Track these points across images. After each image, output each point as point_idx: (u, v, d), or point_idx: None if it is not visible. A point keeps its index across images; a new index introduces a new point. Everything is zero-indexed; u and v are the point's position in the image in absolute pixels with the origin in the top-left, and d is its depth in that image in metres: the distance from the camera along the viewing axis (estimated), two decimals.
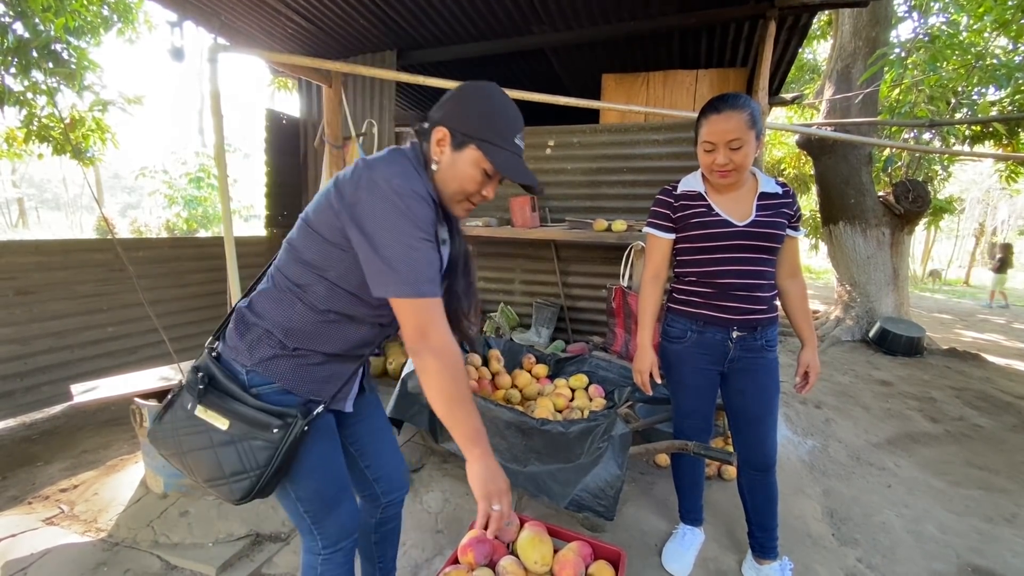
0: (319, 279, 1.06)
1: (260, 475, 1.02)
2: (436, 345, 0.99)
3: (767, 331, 1.64)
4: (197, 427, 1.04)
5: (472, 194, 1.11)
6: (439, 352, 0.99)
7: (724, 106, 1.48)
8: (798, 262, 1.72)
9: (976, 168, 18.55)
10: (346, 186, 1.00)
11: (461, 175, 1.07)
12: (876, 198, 5.78)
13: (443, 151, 1.07)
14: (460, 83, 1.14)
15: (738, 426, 1.74)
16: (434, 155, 1.07)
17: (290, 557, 1.87)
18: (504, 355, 2.76)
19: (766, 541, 1.79)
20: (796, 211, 1.63)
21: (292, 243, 1.10)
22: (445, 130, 1.06)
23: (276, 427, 1.02)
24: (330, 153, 3.06)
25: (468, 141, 1.05)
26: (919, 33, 4.91)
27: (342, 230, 1.01)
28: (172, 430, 1.07)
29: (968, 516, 2.34)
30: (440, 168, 1.08)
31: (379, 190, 0.96)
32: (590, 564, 1.45)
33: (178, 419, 1.07)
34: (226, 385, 1.05)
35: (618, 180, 3.79)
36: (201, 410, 1.03)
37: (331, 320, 1.09)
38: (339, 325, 1.10)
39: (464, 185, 1.08)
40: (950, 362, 5.04)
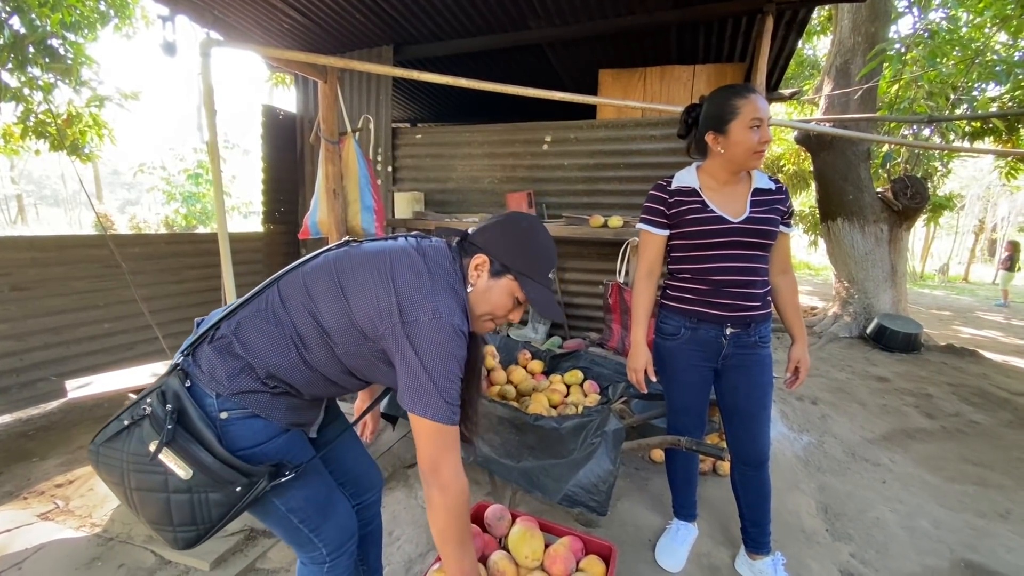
0: (325, 345, 1.05)
1: (208, 529, 1.00)
2: (445, 480, 1.01)
3: (760, 327, 1.64)
4: (155, 468, 0.95)
5: (500, 318, 1.16)
6: (445, 488, 1.01)
7: (751, 90, 1.52)
8: (789, 258, 1.72)
9: (976, 164, 18.52)
10: (409, 298, 1.00)
11: (495, 301, 1.12)
12: (875, 194, 5.77)
13: (480, 276, 1.12)
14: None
15: (731, 422, 1.74)
16: (471, 278, 1.12)
17: (284, 552, 1.88)
18: (500, 351, 2.75)
19: (759, 536, 1.79)
20: (789, 207, 1.63)
21: (314, 297, 1.05)
22: (486, 257, 1.12)
23: (240, 485, 0.97)
24: (326, 149, 3.05)
25: (506, 272, 1.11)
26: (918, 29, 4.89)
27: (380, 331, 1.01)
28: (121, 459, 0.97)
29: (962, 512, 2.35)
30: (475, 291, 1.12)
31: (441, 323, 0.99)
32: (581, 559, 1.45)
33: (132, 451, 0.96)
34: (196, 426, 0.96)
35: (615, 176, 3.78)
36: (166, 453, 0.93)
37: (319, 378, 1.09)
38: (325, 383, 1.11)
39: (495, 310, 1.13)
40: (947, 358, 5.05)
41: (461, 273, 1.12)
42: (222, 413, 0.99)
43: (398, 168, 4.43)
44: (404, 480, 2.37)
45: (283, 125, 4.72)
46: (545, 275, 1.15)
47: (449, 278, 1.07)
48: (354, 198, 3.15)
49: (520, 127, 4.03)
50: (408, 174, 4.42)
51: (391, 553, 1.89)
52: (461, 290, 1.09)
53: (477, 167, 4.19)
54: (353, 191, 3.14)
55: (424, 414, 0.99)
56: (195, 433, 0.96)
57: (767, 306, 1.64)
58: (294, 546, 1.18)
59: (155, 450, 0.93)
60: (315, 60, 2.56)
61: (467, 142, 4.19)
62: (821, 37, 7.97)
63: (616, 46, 4.24)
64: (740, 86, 1.54)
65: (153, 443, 0.93)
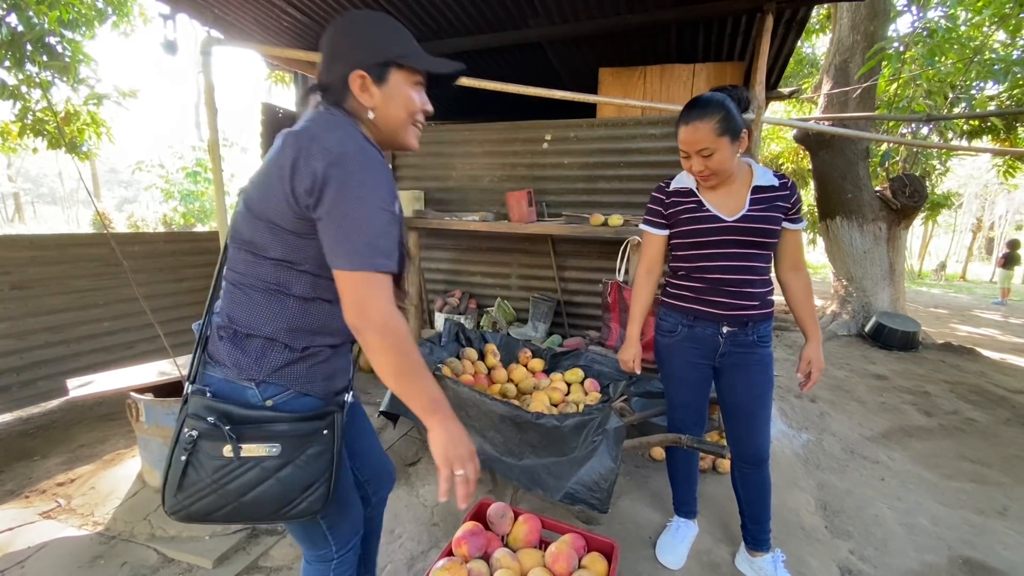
0: (298, 274, 0.99)
1: (329, 480, 1.00)
2: (377, 319, 0.91)
3: (759, 327, 1.63)
4: (245, 466, 0.94)
5: (416, 113, 1.05)
6: (382, 328, 0.91)
7: (692, 116, 1.49)
8: (800, 255, 1.68)
9: (974, 163, 18.57)
10: (301, 163, 0.90)
11: (401, 99, 1.02)
12: (873, 193, 5.79)
13: (370, 92, 1.00)
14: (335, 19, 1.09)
15: (731, 420, 1.75)
16: (365, 103, 1.00)
17: (286, 550, 1.88)
18: (501, 349, 2.76)
19: (758, 534, 1.80)
20: (795, 203, 1.59)
21: (245, 240, 0.99)
22: (361, 72, 0.98)
23: (324, 427, 0.99)
24: None
25: (386, 68, 1.00)
26: (917, 27, 4.90)
27: (304, 214, 0.92)
28: (210, 488, 0.95)
29: (960, 509, 2.36)
30: (378, 111, 1.01)
31: (345, 159, 0.89)
32: (583, 556, 1.46)
33: (213, 470, 0.94)
34: (251, 415, 0.96)
35: (615, 175, 3.78)
36: (247, 448, 0.94)
37: (323, 304, 1.03)
38: (332, 306, 1.02)
39: (408, 108, 1.03)
40: (945, 356, 5.07)
41: (348, 113, 1.01)
42: (267, 401, 0.99)
43: (398, 166, 4.43)
44: (405, 478, 2.38)
45: (283, 123, 4.70)
46: (411, 42, 1.03)
47: (339, 121, 0.96)
48: None
49: (520, 126, 4.03)
50: (408, 172, 4.41)
51: (393, 550, 1.90)
52: (359, 126, 0.99)
53: (477, 165, 4.19)
54: None
55: (337, 264, 0.91)
56: (255, 419, 0.96)
57: (767, 306, 1.63)
58: (305, 543, 1.15)
59: (234, 449, 0.93)
60: (315, 58, 2.56)
61: (467, 140, 4.19)
62: (820, 35, 7.97)
63: (616, 45, 4.24)
64: (688, 108, 1.52)
65: (227, 448, 0.93)
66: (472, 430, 2.01)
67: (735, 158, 1.53)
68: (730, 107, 1.49)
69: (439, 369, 2.25)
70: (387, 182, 0.94)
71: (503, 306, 4.05)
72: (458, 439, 0.96)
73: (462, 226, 3.63)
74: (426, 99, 1.07)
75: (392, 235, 0.94)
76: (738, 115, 1.51)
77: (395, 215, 0.96)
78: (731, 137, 1.48)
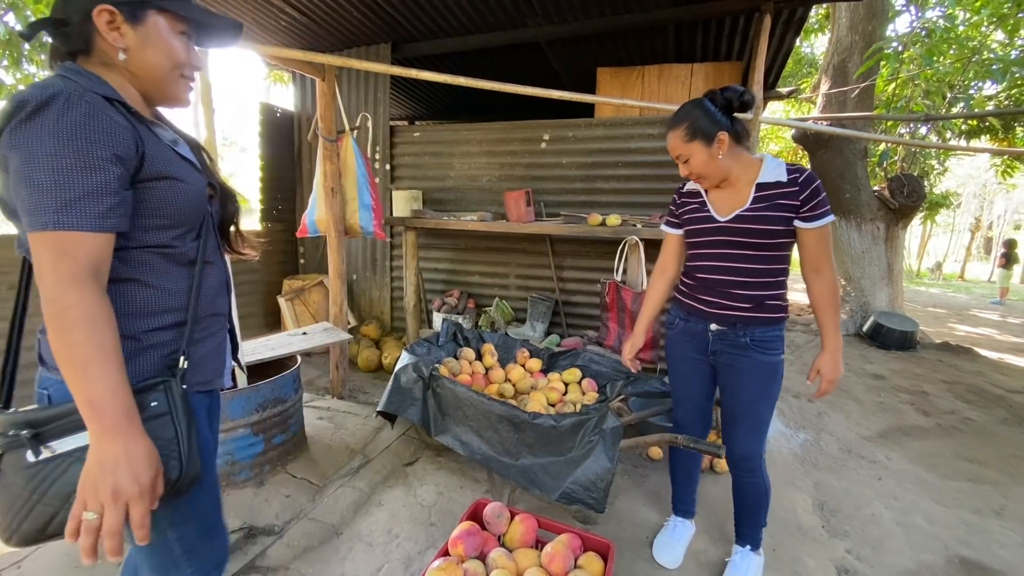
0: None
1: (177, 448, 0.85)
2: (46, 288, 0.75)
3: (752, 330, 1.58)
4: (64, 462, 0.83)
5: (183, 65, 0.94)
6: (52, 298, 0.75)
7: (668, 127, 1.58)
8: (820, 256, 1.52)
9: (972, 163, 18.59)
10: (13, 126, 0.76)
11: (162, 49, 0.90)
12: (871, 192, 5.80)
13: (120, 32, 0.86)
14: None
15: (723, 422, 1.77)
16: (116, 43, 0.86)
17: (283, 551, 1.88)
18: (499, 349, 2.77)
19: (748, 533, 1.82)
20: (806, 199, 1.47)
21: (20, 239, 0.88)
22: (108, 7, 0.84)
23: (152, 400, 0.86)
24: (324, 147, 3.04)
25: (143, 8, 0.87)
26: (916, 27, 4.90)
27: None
28: (32, 495, 0.82)
29: (957, 508, 2.37)
30: (132, 54, 0.88)
31: (22, 111, 0.75)
32: (579, 556, 1.46)
33: (27, 479, 0.82)
34: (59, 410, 0.84)
35: (613, 175, 3.78)
36: (59, 444, 0.83)
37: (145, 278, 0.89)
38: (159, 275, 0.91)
39: (171, 57, 0.91)
40: (943, 356, 5.08)
41: (84, 70, 0.85)
42: None
43: (396, 166, 4.43)
44: (403, 478, 2.38)
45: (281, 123, 4.71)
46: None
47: (63, 81, 0.79)
48: (352, 196, 3.15)
49: (518, 125, 4.03)
50: (406, 172, 4.41)
51: (390, 550, 1.90)
52: (95, 76, 0.85)
53: (475, 165, 4.19)
54: (351, 189, 3.14)
55: (28, 227, 0.76)
56: (62, 413, 0.84)
57: (764, 310, 1.56)
58: (154, 571, 0.97)
59: (35, 452, 0.82)
60: (313, 58, 2.56)
61: (465, 140, 4.19)
62: (819, 35, 7.97)
63: (614, 44, 4.24)
64: (669, 120, 1.59)
65: (30, 452, 0.82)
66: (469, 430, 2.01)
67: (716, 160, 1.52)
68: (697, 113, 1.51)
69: (436, 369, 2.25)
70: (86, 129, 0.76)
71: (501, 306, 4.05)
72: (120, 465, 0.76)
73: (460, 226, 3.63)
74: (195, 53, 0.97)
75: (88, 188, 0.76)
76: (710, 118, 1.51)
77: (99, 165, 0.77)
78: (703, 141, 1.51)
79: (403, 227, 3.90)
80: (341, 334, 2.90)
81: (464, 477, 2.39)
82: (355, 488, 2.26)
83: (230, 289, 1.12)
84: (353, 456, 2.51)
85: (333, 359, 3.30)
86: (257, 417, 2.10)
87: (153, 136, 0.89)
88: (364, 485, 2.29)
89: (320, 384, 3.68)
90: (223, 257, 1.10)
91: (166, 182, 0.88)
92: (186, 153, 0.97)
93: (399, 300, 4.55)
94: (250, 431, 2.09)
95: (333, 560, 1.85)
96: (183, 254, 0.94)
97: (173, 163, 0.90)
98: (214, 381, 1.04)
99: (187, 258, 0.95)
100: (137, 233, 0.86)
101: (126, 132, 0.81)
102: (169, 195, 0.89)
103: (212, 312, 1.02)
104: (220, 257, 1.06)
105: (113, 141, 0.79)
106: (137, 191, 0.85)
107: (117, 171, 0.79)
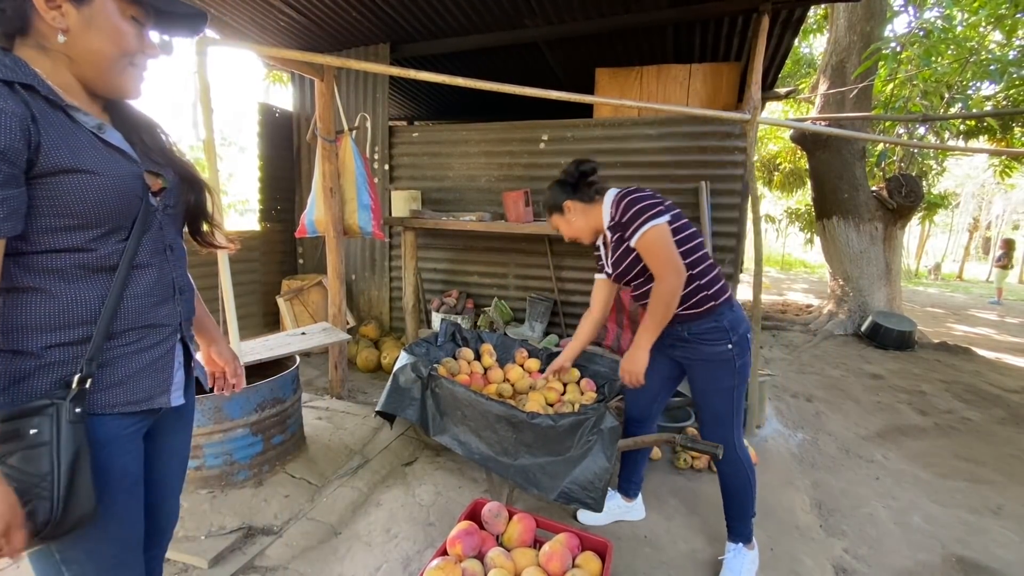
0: None
1: (52, 486, 0.74)
2: None
3: (689, 325, 1.70)
4: None
5: (132, 52, 0.86)
6: None
7: None
8: (654, 264, 1.63)
9: (970, 163, 18.63)
10: None
11: (108, 33, 0.82)
12: (869, 193, 5.81)
13: (65, 12, 0.78)
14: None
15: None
16: (55, 23, 0.78)
17: (282, 550, 1.89)
18: (497, 349, 2.77)
19: (734, 526, 1.84)
20: (625, 223, 1.63)
21: None
22: None
23: (35, 428, 0.75)
24: (322, 147, 3.05)
25: None
26: (914, 28, 4.91)
27: None
28: None
29: (954, 508, 2.37)
30: (74, 36, 0.80)
31: None
32: (577, 555, 1.46)
33: None
34: None
35: (611, 175, 3.79)
36: None
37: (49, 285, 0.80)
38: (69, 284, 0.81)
39: (119, 43, 0.83)
40: (941, 356, 5.09)
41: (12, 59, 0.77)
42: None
43: (395, 166, 4.43)
44: (401, 478, 2.38)
45: (280, 123, 4.71)
46: None
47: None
48: (351, 196, 3.15)
49: (517, 126, 4.03)
50: (405, 172, 4.42)
51: (389, 550, 1.90)
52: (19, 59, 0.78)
53: (474, 165, 4.19)
54: (350, 189, 3.14)
55: None
56: None
57: (691, 307, 1.68)
58: None
59: None
60: (312, 59, 2.56)
61: (464, 140, 4.20)
62: (817, 36, 7.99)
63: (613, 45, 4.25)
64: None
65: None
66: (468, 430, 2.01)
67: (573, 223, 1.82)
68: (549, 193, 1.86)
69: (435, 369, 2.25)
70: None
71: (500, 306, 4.06)
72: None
73: (459, 226, 3.63)
74: (147, 39, 0.88)
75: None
76: (557, 194, 1.83)
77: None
78: (557, 213, 1.85)
79: (402, 227, 3.90)
80: (340, 334, 2.90)
81: (462, 477, 2.39)
82: (354, 488, 2.26)
83: (182, 293, 0.99)
84: (352, 456, 2.51)
85: (332, 359, 3.30)
86: (256, 417, 2.10)
87: (67, 123, 0.79)
88: (363, 485, 2.30)
89: (319, 384, 3.68)
90: (174, 259, 0.97)
91: (73, 176, 0.77)
92: (114, 140, 0.85)
93: (398, 300, 4.55)
94: (249, 431, 2.09)
95: (332, 560, 1.86)
96: (103, 258, 0.83)
97: (84, 153, 0.78)
98: (153, 399, 0.92)
99: (109, 263, 0.84)
100: (41, 236, 0.77)
101: (12, 120, 0.70)
102: (77, 191, 0.77)
103: (145, 324, 0.90)
104: (166, 259, 0.94)
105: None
106: (34, 188, 0.75)
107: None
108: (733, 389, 1.70)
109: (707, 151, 3.59)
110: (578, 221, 1.81)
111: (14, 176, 0.72)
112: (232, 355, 1.25)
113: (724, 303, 1.68)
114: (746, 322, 1.72)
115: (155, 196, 0.91)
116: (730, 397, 1.71)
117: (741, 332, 1.67)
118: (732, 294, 1.74)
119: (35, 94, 0.76)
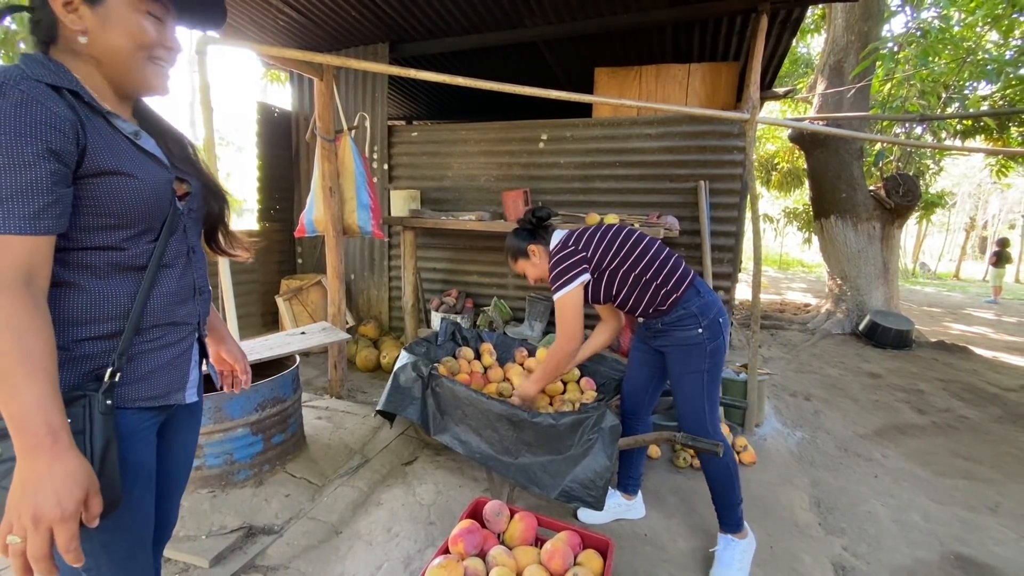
0: None
1: None
2: None
3: (662, 317, 1.79)
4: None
5: (151, 46, 0.86)
6: None
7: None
8: (557, 320, 1.89)
9: (967, 162, 18.69)
10: None
11: (125, 29, 0.82)
12: (867, 192, 5.83)
13: (81, 14, 0.80)
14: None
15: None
16: (74, 25, 0.80)
17: (283, 549, 1.89)
18: (497, 349, 2.77)
19: (724, 515, 1.85)
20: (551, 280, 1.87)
21: None
22: None
23: (70, 416, 0.77)
24: (322, 146, 3.05)
25: None
26: (911, 28, 4.93)
27: None
28: None
29: (952, 505, 2.39)
30: (93, 36, 0.81)
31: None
32: (579, 553, 1.47)
33: None
34: None
35: (611, 174, 3.80)
36: None
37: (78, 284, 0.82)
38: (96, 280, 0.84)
39: (136, 38, 0.84)
40: (938, 354, 5.11)
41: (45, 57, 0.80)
42: None
43: (394, 166, 4.43)
44: (402, 477, 2.38)
45: (279, 123, 4.71)
46: None
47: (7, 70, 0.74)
48: (350, 196, 3.15)
49: (516, 125, 4.04)
50: (404, 172, 4.42)
51: (390, 549, 1.90)
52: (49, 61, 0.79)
53: (473, 165, 4.19)
54: (349, 189, 3.14)
55: None
56: None
57: (659, 306, 1.79)
58: None
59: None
60: (311, 58, 2.56)
61: (463, 140, 4.20)
62: (815, 36, 8.02)
63: (612, 44, 4.26)
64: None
65: None
66: (468, 428, 2.02)
67: (539, 266, 1.96)
68: (510, 243, 2.01)
69: (435, 368, 2.25)
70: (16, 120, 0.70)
71: (500, 305, 4.06)
72: (43, 487, 0.69)
73: (458, 225, 3.63)
74: (168, 33, 0.89)
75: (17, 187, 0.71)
76: (517, 243, 1.99)
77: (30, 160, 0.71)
78: (523, 258, 1.99)
79: (401, 227, 3.90)
80: (339, 334, 2.90)
81: (463, 476, 2.40)
82: (354, 487, 2.27)
83: (201, 294, 1.02)
84: (352, 455, 2.51)
85: (331, 359, 3.30)
86: (256, 417, 2.10)
87: (107, 128, 0.82)
88: (363, 484, 2.30)
89: (319, 384, 3.68)
90: (196, 261, 1.00)
91: (113, 178, 0.80)
92: (149, 146, 0.89)
93: (397, 300, 4.55)
94: (249, 431, 2.09)
95: (333, 559, 1.86)
96: (135, 257, 0.86)
97: (124, 157, 0.82)
98: (170, 395, 0.94)
99: (139, 262, 0.87)
100: (79, 234, 0.80)
101: (65, 123, 0.73)
102: (116, 192, 0.81)
103: (168, 321, 0.93)
104: (189, 261, 0.98)
105: (47, 134, 0.72)
106: (78, 188, 0.78)
107: (51, 167, 0.72)
108: (704, 372, 1.75)
109: (706, 150, 3.60)
110: (542, 263, 1.96)
111: (66, 176, 0.75)
112: (241, 353, 1.29)
113: (687, 291, 1.75)
114: (717, 306, 1.77)
115: (180, 200, 0.95)
116: (700, 380, 1.76)
117: (712, 317, 1.73)
118: (695, 278, 1.79)
119: (79, 99, 0.79)
